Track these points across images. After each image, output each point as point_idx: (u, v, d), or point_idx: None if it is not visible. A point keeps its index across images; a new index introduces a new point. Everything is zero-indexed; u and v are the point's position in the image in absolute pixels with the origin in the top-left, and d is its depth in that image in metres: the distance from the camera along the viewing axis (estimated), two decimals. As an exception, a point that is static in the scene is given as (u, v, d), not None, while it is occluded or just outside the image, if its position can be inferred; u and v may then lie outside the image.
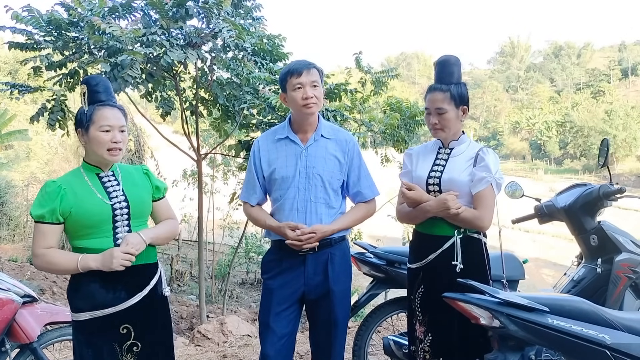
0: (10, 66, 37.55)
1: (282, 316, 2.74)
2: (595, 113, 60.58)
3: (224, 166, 15.07)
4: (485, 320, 2.30)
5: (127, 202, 2.37)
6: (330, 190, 2.75)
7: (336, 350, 2.82)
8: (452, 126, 2.72)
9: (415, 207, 2.72)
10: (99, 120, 2.29)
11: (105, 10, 5.60)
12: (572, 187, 3.70)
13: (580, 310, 2.31)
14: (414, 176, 2.81)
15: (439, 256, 2.66)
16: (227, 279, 10.36)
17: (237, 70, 6.31)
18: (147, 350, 2.40)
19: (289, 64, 2.83)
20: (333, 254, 2.76)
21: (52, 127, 6.29)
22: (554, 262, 20.87)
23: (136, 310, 2.35)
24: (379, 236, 13.81)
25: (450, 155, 2.75)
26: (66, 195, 2.27)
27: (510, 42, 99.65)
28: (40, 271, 9.87)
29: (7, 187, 15.34)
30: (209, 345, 5.14)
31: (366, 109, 8.08)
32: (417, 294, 2.76)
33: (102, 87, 2.35)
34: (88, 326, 2.31)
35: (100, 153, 2.31)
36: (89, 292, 2.30)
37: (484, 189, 2.60)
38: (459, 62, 2.76)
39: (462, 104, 2.70)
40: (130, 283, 2.35)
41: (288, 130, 2.80)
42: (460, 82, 2.73)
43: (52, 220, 2.27)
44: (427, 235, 2.74)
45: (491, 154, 2.68)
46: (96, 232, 2.31)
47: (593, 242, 3.42)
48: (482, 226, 2.63)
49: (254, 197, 2.86)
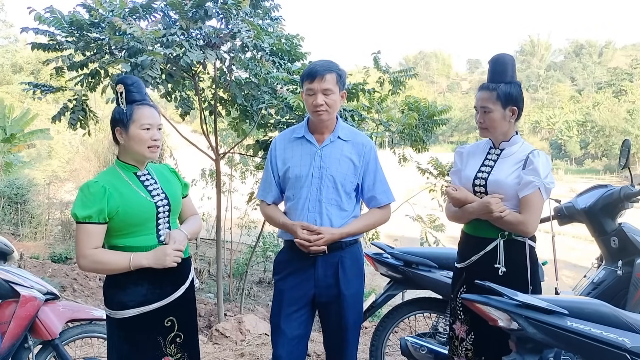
0: (33, 66, 38.22)
1: (293, 318, 2.74)
2: (617, 112, 59.63)
3: (241, 165, 15.14)
4: (504, 322, 2.29)
5: (167, 199, 2.44)
6: (343, 192, 2.73)
7: (348, 354, 2.80)
8: (498, 126, 2.66)
9: (460, 207, 2.70)
10: (140, 118, 2.36)
11: (125, 11, 5.66)
12: (592, 189, 3.65)
13: (599, 313, 2.28)
14: (462, 175, 2.78)
15: (482, 258, 2.64)
16: (244, 278, 10.40)
17: (255, 70, 6.33)
18: (188, 340, 2.49)
19: (310, 64, 2.81)
20: (344, 257, 2.74)
21: (73, 126, 6.37)
22: (574, 263, 20.60)
23: (178, 303, 2.44)
24: (396, 236, 13.73)
25: (500, 156, 2.71)
26: (112, 195, 2.31)
27: (530, 40, 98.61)
28: (62, 269, 10.02)
29: (29, 186, 15.58)
30: (227, 343, 5.17)
31: (384, 109, 8.06)
32: (459, 293, 2.75)
33: (137, 87, 2.41)
34: (132, 322, 2.36)
35: (141, 150, 2.38)
36: (138, 288, 2.36)
37: (531, 194, 2.54)
38: (513, 61, 2.70)
39: (511, 104, 2.63)
40: (176, 277, 2.44)
41: (305, 130, 2.80)
42: (513, 81, 2.66)
43: (99, 220, 2.29)
44: (472, 237, 2.72)
45: (542, 157, 2.61)
46: (141, 230, 2.37)
47: (614, 244, 3.37)
48: (526, 231, 2.57)
49: (270, 196, 2.86)
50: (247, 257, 12.65)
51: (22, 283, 3.05)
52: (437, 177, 8.86)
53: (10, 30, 50.32)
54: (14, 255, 3.24)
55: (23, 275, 3.13)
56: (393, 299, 3.63)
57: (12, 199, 14.79)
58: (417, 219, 9.52)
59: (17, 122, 17.12)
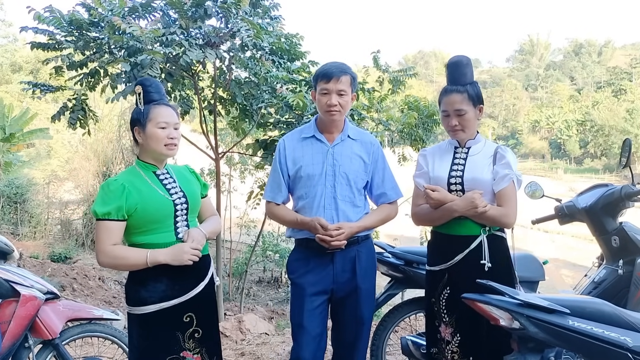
0: (32, 65, 38.15)
1: (315, 314, 2.78)
2: (617, 112, 59.61)
3: (240, 165, 15.12)
4: (505, 321, 2.29)
5: (185, 197, 2.49)
6: (355, 189, 2.79)
7: (360, 348, 2.85)
8: (472, 126, 2.73)
9: (437, 208, 2.71)
10: (156, 117, 2.43)
11: (125, 10, 5.65)
12: (593, 188, 3.66)
13: (601, 312, 2.28)
14: (431, 177, 2.81)
15: (466, 256, 2.65)
16: (244, 277, 10.39)
17: (255, 70, 6.33)
18: (206, 335, 2.53)
19: (325, 64, 2.86)
20: (360, 251, 2.80)
21: (72, 125, 6.37)
22: (574, 262, 20.62)
23: (198, 299, 2.49)
24: (396, 235, 13.74)
25: (469, 154, 2.75)
26: (131, 192, 2.37)
27: (529, 40, 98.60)
28: (61, 268, 10.01)
29: (29, 185, 15.54)
30: (227, 342, 5.17)
31: (383, 108, 8.06)
32: (441, 295, 2.74)
33: (155, 88, 2.50)
34: (152, 318, 2.42)
35: (158, 149, 2.44)
36: (157, 285, 2.41)
37: (507, 186, 2.62)
38: (470, 61, 2.77)
39: (479, 103, 2.72)
40: (194, 274, 2.48)
41: (315, 130, 2.85)
42: (473, 81, 2.73)
43: (118, 217, 2.36)
44: (451, 236, 2.72)
45: (509, 151, 2.71)
46: (159, 228, 2.43)
47: (614, 243, 3.38)
48: (509, 222, 2.64)
49: (279, 196, 2.89)
50: (246, 256, 12.64)
51: (23, 282, 3.05)
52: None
53: (9, 30, 50.22)
54: (14, 255, 3.24)
55: (23, 274, 3.13)
56: (393, 298, 3.64)
57: (11, 199, 14.77)
58: (417, 218, 9.49)
59: (16, 121, 17.08)
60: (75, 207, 15.17)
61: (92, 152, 14.81)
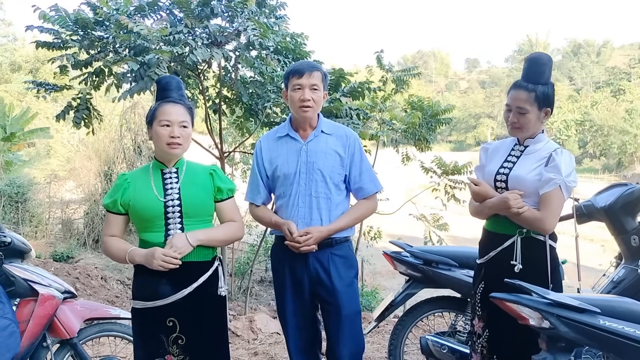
0: (32, 65, 38.09)
1: (296, 308, 2.83)
2: (616, 112, 59.69)
3: (242, 164, 15.09)
4: (535, 321, 2.27)
5: (180, 200, 2.41)
6: (332, 184, 2.78)
7: (344, 342, 2.81)
8: (532, 127, 2.63)
9: (481, 202, 2.69)
10: (160, 115, 2.40)
11: (131, 9, 5.62)
12: (611, 187, 3.64)
13: (632, 311, 2.26)
14: (485, 171, 2.77)
15: (500, 254, 2.64)
16: (249, 277, 10.39)
17: (260, 69, 6.31)
18: (193, 345, 2.45)
19: (294, 63, 2.90)
20: (334, 253, 2.79)
21: (77, 125, 6.36)
22: (574, 262, 20.64)
23: (182, 306, 2.41)
24: (398, 235, 13.71)
25: (524, 152, 2.69)
26: (128, 188, 2.40)
27: (528, 40, 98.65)
28: (64, 268, 9.97)
29: (29, 185, 15.48)
30: (239, 342, 5.15)
31: (387, 108, 8.06)
32: (477, 289, 2.76)
33: (171, 86, 2.45)
34: (140, 315, 2.45)
35: (161, 147, 2.41)
36: (140, 283, 2.45)
37: (551, 191, 2.52)
38: (551, 61, 2.65)
39: (546, 106, 2.61)
40: (176, 279, 2.40)
41: (289, 128, 2.85)
42: (549, 82, 2.62)
43: (115, 210, 2.41)
44: (491, 233, 2.72)
45: (566, 155, 2.58)
46: (150, 227, 2.41)
47: (634, 242, 3.37)
48: (543, 228, 2.55)
49: (258, 197, 2.91)
50: (248, 256, 12.62)
51: (41, 282, 3.04)
52: (441, 176, 8.85)
53: (9, 29, 50.14)
54: (31, 254, 3.22)
55: (41, 273, 3.12)
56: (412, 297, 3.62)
57: (12, 198, 14.71)
58: (420, 218, 9.50)
59: (17, 120, 17.04)
60: (76, 206, 15.11)
61: (94, 152, 14.75)
